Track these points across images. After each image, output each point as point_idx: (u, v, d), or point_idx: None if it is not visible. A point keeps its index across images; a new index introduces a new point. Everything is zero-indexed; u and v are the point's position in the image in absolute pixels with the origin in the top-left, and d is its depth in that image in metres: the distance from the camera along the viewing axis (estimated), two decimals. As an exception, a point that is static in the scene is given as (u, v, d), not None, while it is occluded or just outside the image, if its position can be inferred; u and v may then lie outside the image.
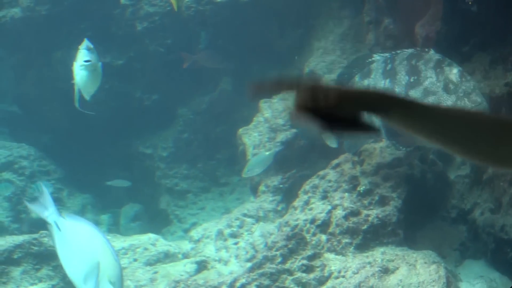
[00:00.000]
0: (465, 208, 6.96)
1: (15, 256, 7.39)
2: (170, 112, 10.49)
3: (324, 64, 8.83)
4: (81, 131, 10.60)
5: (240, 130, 8.55)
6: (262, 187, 8.21)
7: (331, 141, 7.21)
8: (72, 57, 7.57)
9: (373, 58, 6.36)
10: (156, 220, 10.06)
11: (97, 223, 10.32)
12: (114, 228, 10.05)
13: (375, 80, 6.19)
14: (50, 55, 10.80)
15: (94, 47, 7.27)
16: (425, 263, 5.99)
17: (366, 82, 6.27)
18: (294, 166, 8.14)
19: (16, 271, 7.36)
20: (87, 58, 7.16)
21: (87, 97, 7.56)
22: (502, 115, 6.35)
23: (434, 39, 7.16)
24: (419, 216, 6.82)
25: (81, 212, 10.37)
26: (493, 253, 6.57)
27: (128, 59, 10.56)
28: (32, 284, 7.39)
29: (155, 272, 7.36)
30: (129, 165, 10.58)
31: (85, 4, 10.53)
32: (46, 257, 7.50)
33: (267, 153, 8.08)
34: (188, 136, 10.43)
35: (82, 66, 7.15)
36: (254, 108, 8.75)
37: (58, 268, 7.47)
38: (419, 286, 5.81)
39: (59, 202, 10.31)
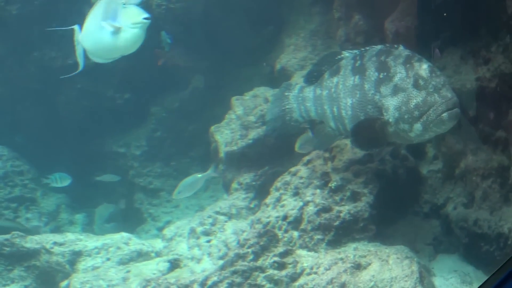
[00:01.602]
0: (438, 203, 6.98)
1: (-13, 257, 7.35)
2: (142, 111, 10.47)
3: (296, 60, 8.84)
4: (54, 131, 10.55)
5: (212, 128, 8.54)
6: (234, 185, 8.20)
7: (302, 148, 7.26)
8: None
9: (342, 55, 6.35)
10: (130, 219, 10.03)
11: (71, 222, 10.29)
12: (88, 228, 10.02)
13: (344, 77, 6.18)
14: (22, 54, 10.73)
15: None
16: (398, 258, 5.99)
17: (335, 80, 6.27)
18: (267, 163, 8.14)
19: (-13, 272, 7.32)
20: (146, 16, 6.32)
21: (99, 60, 6.87)
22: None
23: (404, 35, 7.17)
24: (391, 212, 6.83)
25: (55, 212, 10.32)
26: (466, 247, 6.59)
27: (100, 58, 10.50)
28: (4, 285, 7.34)
29: (128, 271, 7.33)
30: (103, 164, 10.54)
31: (55, 3, 10.46)
32: (18, 258, 7.46)
33: (200, 175, 8.15)
34: (161, 135, 10.41)
35: (137, 24, 6.29)
36: (226, 105, 8.73)
37: (30, 269, 7.44)
38: (391, 282, 5.81)
39: (33, 202, 10.27)
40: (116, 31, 6.31)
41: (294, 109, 6.73)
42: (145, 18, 6.27)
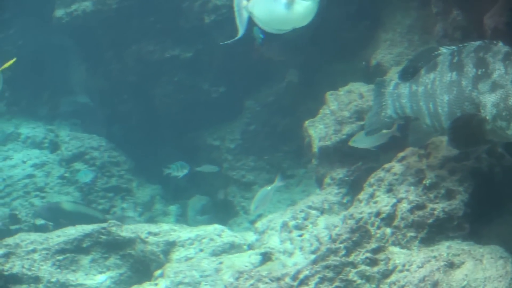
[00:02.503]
0: (535, 203, 6.83)
1: (84, 245, 7.55)
2: (237, 104, 10.57)
3: (391, 56, 8.77)
4: (150, 123, 10.76)
5: (307, 122, 8.54)
6: (327, 180, 8.19)
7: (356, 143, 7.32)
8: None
9: (439, 51, 6.27)
10: (223, 212, 10.14)
11: (165, 214, 10.49)
12: (181, 219, 10.18)
13: (441, 73, 6.11)
14: (120, 48, 10.97)
15: None
16: (492, 258, 5.89)
17: (432, 76, 6.19)
18: (360, 159, 8.10)
19: (85, 260, 7.51)
20: None
21: (270, 30, 6.60)
22: None
23: (503, 31, 7.04)
24: (486, 210, 6.71)
25: (150, 203, 10.53)
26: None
27: (196, 52, 10.67)
28: (100, 273, 7.53)
29: (220, 263, 7.42)
30: (197, 157, 10.70)
31: (153, -3, 10.68)
32: (114, 246, 7.65)
33: (268, 187, 8.24)
34: (255, 128, 10.50)
35: None
36: (320, 100, 8.73)
37: (125, 257, 7.62)
38: (485, 281, 5.72)
39: (128, 193, 10.51)
40: (290, 2, 6.32)
41: (389, 105, 6.68)
42: None
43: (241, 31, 6.75)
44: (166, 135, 10.76)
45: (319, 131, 8.32)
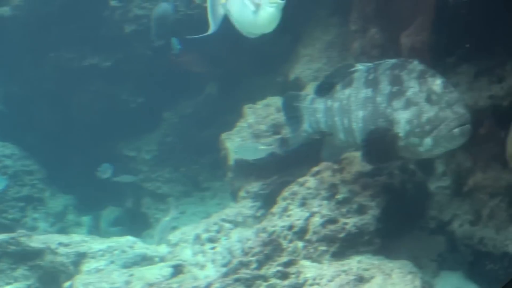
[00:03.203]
0: (444, 219, 6.92)
1: (-9, 255, 7.36)
2: (155, 116, 10.48)
3: (310, 71, 8.82)
4: (66, 132, 10.58)
5: (223, 135, 8.51)
6: (242, 193, 8.17)
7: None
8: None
9: (355, 68, 6.32)
10: (136, 223, 10.03)
11: (78, 224, 10.30)
12: (94, 230, 10.02)
13: (356, 89, 6.15)
14: (38, 55, 10.78)
15: None
16: (401, 272, 5.95)
17: (347, 92, 6.23)
18: (276, 172, 8.10)
19: (-9, 270, 7.33)
20: None
21: (245, 33, 6.59)
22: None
23: (419, 50, 7.14)
24: (397, 226, 6.78)
25: (62, 213, 10.33)
26: (470, 265, 6.54)
27: (116, 61, 10.55)
28: (7, 284, 7.35)
29: (131, 275, 7.30)
30: (113, 167, 10.54)
31: (74, 5, 10.50)
32: (23, 257, 7.47)
33: (168, 218, 8.27)
34: (172, 140, 10.43)
35: (274, 3, 6.11)
36: (238, 113, 8.71)
37: (34, 268, 7.45)
38: (394, 296, 5.77)
39: (40, 202, 10.29)
40: (256, 8, 6.27)
41: (305, 120, 6.70)
42: None
43: (213, 27, 6.69)
44: (83, 144, 10.58)
45: (235, 144, 8.30)
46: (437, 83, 5.72)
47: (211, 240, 7.82)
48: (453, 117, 5.57)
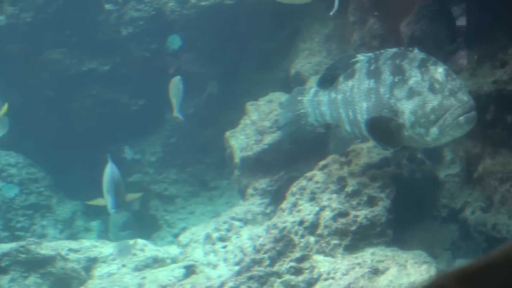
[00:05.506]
0: (456, 207, 6.91)
1: (3, 264, 7.35)
2: (157, 117, 10.46)
3: (310, 65, 8.80)
4: (69, 138, 10.55)
5: (227, 133, 8.50)
6: (250, 190, 8.16)
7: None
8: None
9: (356, 58, 6.30)
10: (145, 226, 10.01)
11: (87, 230, 10.29)
12: (104, 234, 10.00)
13: (359, 80, 6.14)
14: (36, 62, 10.75)
15: None
16: (416, 263, 5.94)
17: (350, 83, 6.22)
18: (282, 168, 8.09)
19: (4, 279, 7.32)
20: None
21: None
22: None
23: (419, 38, 7.13)
24: (408, 216, 6.77)
25: (71, 219, 10.32)
26: (485, 252, 6.52)
27: (114, 65, 10.52)
28: (20, 292, 7.36)
29: (143, 278, 7.31)
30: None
31: (69, 10, 10.47)
32: (34, 265, 7.47)
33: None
34: (176, 141, 10.40)
35: None
36: (241, 111, 8.70)
37: (46, 275, 7.45)
38: (409, 287, 5.76)
39: (48, 209, 10.28)
40: None
41: (309, 113, 6.68)
42: None
43: (336, 6, 6.55)
44: (85, 149, 10.55)
45: (240, 141, 8.28)
46: (439, 71, 5.71)
47: (222, 239, 7.82)
48: (458, 105, 5.56)
